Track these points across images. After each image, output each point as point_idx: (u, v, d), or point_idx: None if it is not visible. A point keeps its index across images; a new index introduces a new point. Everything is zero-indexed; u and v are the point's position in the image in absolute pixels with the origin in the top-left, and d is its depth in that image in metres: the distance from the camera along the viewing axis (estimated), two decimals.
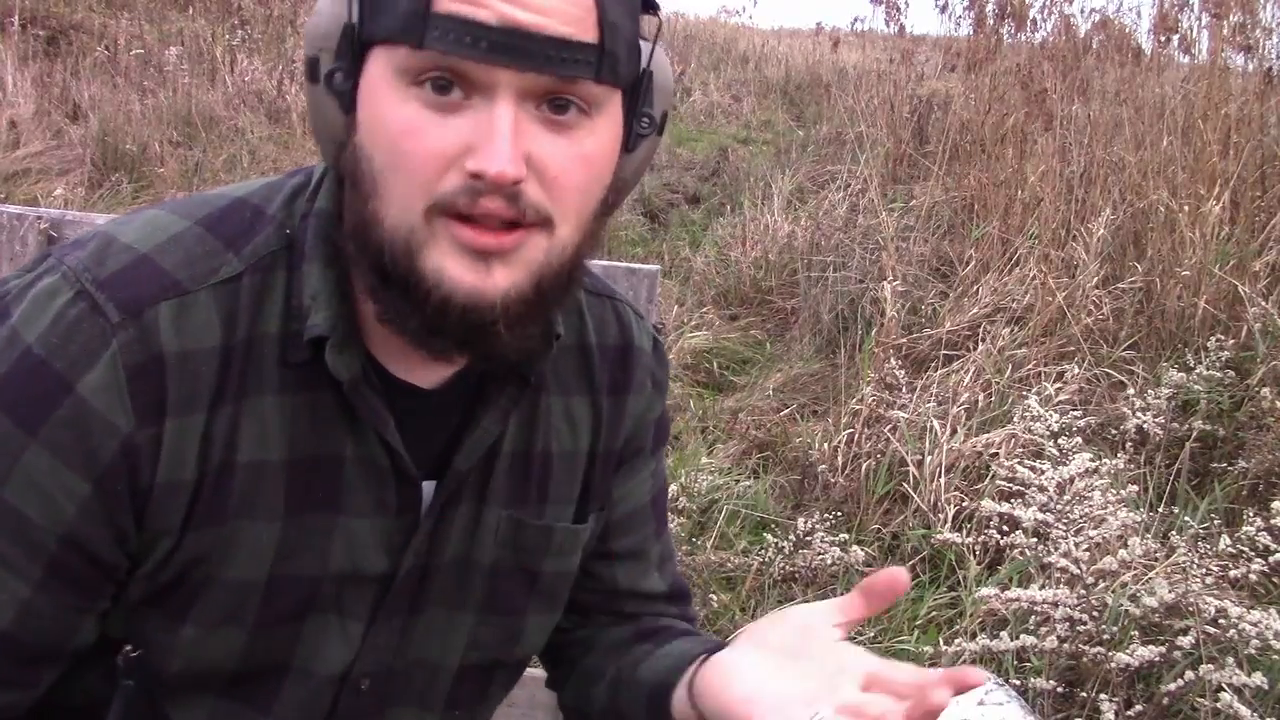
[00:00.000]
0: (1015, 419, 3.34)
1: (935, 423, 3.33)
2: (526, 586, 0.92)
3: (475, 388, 0.86)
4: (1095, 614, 2.41)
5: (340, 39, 0.74)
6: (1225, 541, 2.67)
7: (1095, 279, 4.04)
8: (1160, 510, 3.01)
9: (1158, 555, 2.64)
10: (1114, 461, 2.95)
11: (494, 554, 0.90)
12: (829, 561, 2.91)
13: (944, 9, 6.23)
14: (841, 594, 0.81)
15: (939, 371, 3.74)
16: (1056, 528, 2.63)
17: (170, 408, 0.75)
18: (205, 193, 0.86)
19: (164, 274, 0.77)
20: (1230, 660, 2.24)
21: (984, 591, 2.55)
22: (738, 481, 3.39)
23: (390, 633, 0.87)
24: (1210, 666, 2.21)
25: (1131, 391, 3.56)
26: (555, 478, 0.92)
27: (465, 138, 0.71)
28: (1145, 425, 3.33)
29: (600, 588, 1.01)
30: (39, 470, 0.74)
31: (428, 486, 0.85)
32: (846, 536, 3.01)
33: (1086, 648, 2.37)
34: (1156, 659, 2.29)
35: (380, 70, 0.73)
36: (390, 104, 0.72)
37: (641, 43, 0.78)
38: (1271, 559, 2.56)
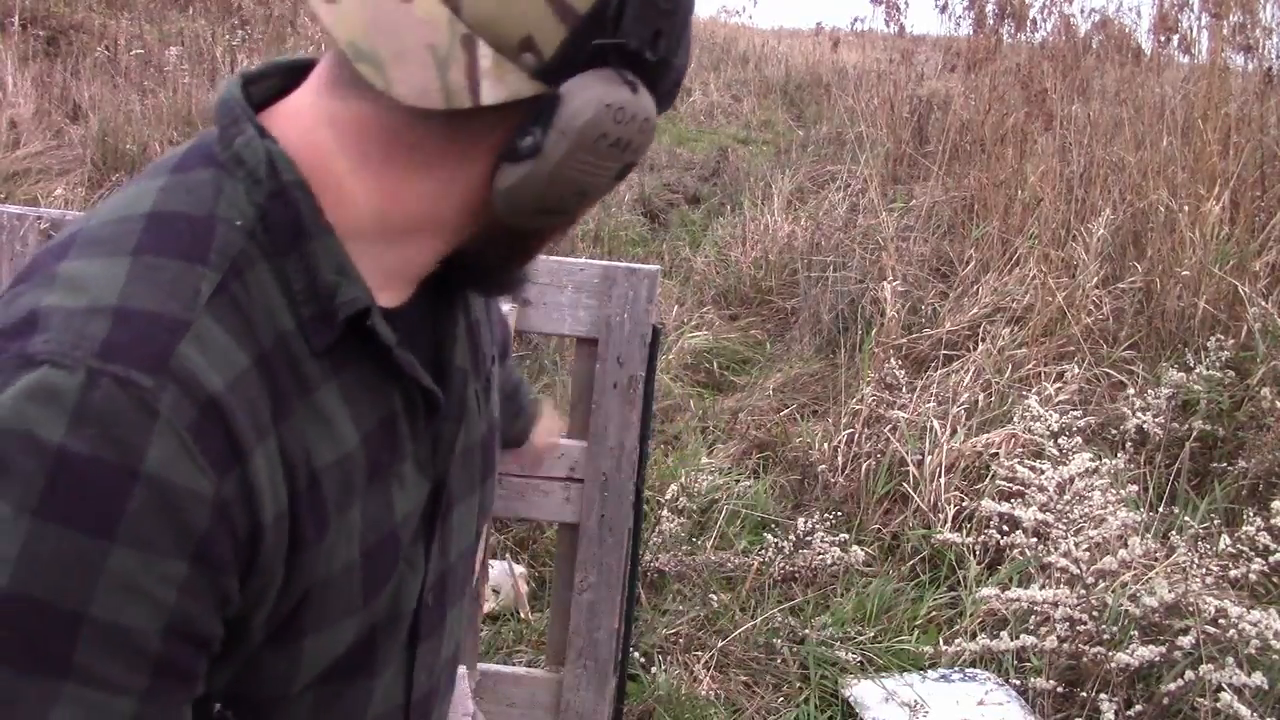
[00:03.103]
0: (1015, 419, 3.34)
1: (935, 423, 3.34)
2: (493, 437, 0.96)
3: (433, 289, 0.85)
4: (1095, 614, 2.41)
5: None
6: (1225, 541, 2.67)
7: (1095, 279, 4.04)
8: (1160, 510, 3.02)
9: (1158, 555, 2.64)
10: (1114, 461, 2.95)
11: (483, 424, 0.92)
12: (829, 561, 2.91)
13: (944, 9, 6.24)
14: (842, 594, 0.81)
15: (939, 371, 3.74)
16: (1056, 528, 2.63)
17: (244, 446, 0.69)
18: (101, 226, 0.73)
19: (154, 316, 0.68)
20: (1230, 660, 2.24)
21: (984, 591, 2.56)
22: (738, 481, 3.39)
23: (441, 543, 0.88)
24: (1210, 666, 2.22)
25: (1131, 391, 3.56)
26: (482, 336, 0.95)
27: None
28: (1145, 425, 3.33)
29: None
30: (129, 573, 0.65)
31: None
32: (846, 536, 3.01)
33: (1086, 648, 2.37)
34: (1156, 659, 2.29)
35: None
36: None
37: None
38: (1271, 559, 2.56)
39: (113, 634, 0.65)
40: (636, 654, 2.56)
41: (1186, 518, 2.94)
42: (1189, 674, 2.22)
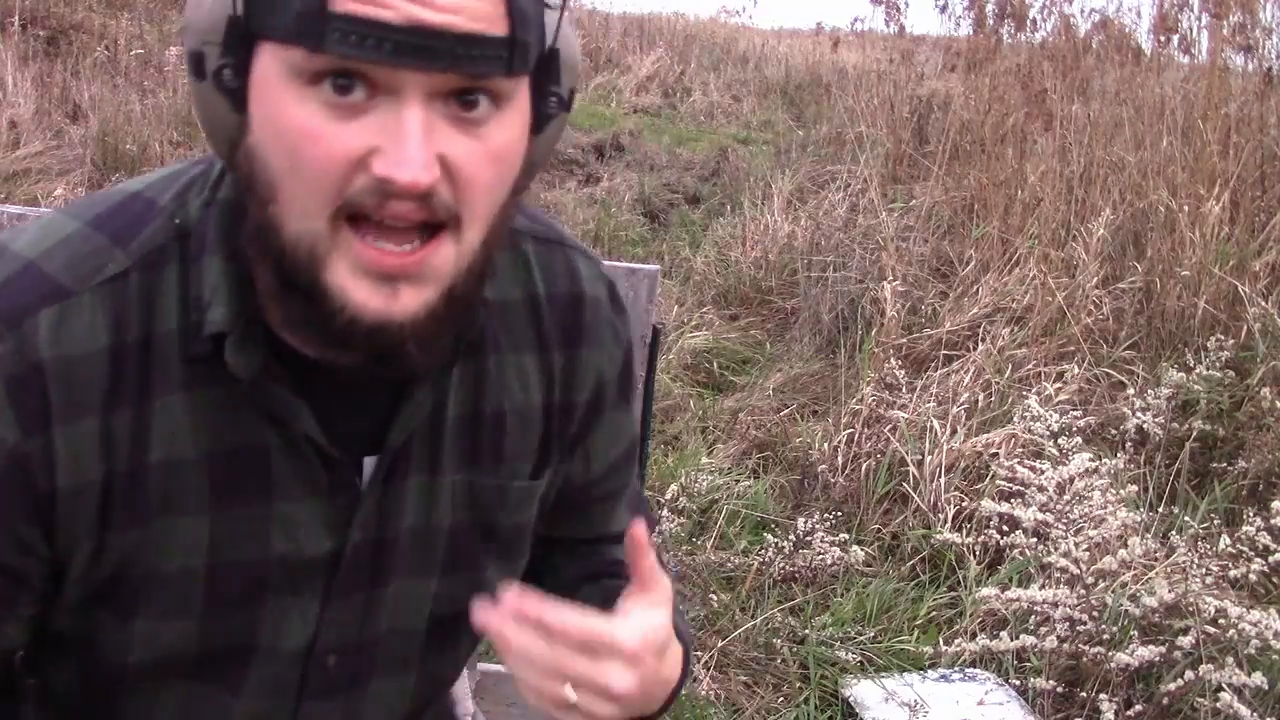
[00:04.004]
0: (1015, 419, 3.34)
1: (935, 423, 3.33)
2: (485, 541, 0.92)
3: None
4: (1095, 614, 2.41)
5: (226, 32, 0.69)
6: (1225, 541, 2.67)
7: (1095, 279, 4.03)
8: (1160, 510, 3.01)
9: (1158, 555, 2.64)
10: (1114, 461, 2.95)
11: (451, 517, 0.89)
12: (829, 561, 2.91)
13: (944, 9, 6.23)
14: (842, 594, 0.81)
15: (939, 371, 3.74)
16: (1056, 528, 2.63)
17: (55, 415, 0.74)
18: (105, 190, 0.83)
19: (47, 279, 0.75)
20: (1230, 660, 2.24)
21: (984, 591, 2.56)
22: (738, 481, 3.39)
23: (352, 608, 0.86)
24: (1210, 666, 2.22)
25: (1131, 391, 3.56)
26: (510, 435, 0.90)
27: (370, 140, 0.68)
28: (1145, 425, 3.33)
29: (571, 531, 1.02)
30: None
31: (369, 462, 0.84)
32: (846, 536, 3.01)
33: (1086, 648, 2.37)
34: (1156, 659, 2.29)
35: (273, 67, 0.68)
36: (286, 104, 0.68)
37: (547, 11, 0.74)
38: (1271, 559, 2.56)
39: None
40: None
41: (1186, 518, 2.94)
42: (1189, 674, 2.22)
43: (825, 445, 3.48)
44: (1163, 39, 5.15)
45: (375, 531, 0.85)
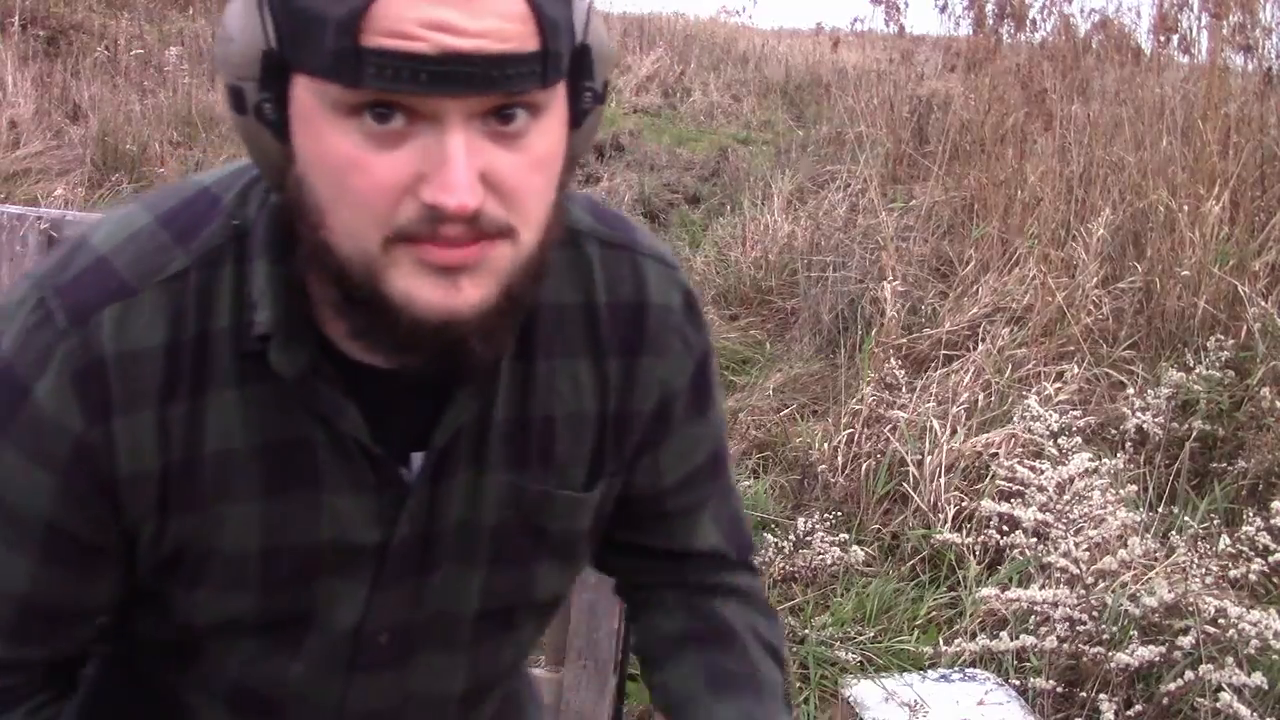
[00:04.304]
0: (1015, 419, 3.34)
1: (935, 423, 3.34)
2: (534, 541, 0.93)
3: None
4: (1095, 614, 2.41)
5: (262, 67, 0.71)
6: (1225, 541, 2.67)
7: (1095, 279, 4.04)
8: (1160, 510, 3.01)
9: (1157, 555, 2.64)
10: (1114, 461, 2.95)
11: (497, 515, 0.90)
12: (829, 561, 2.91)
13: (944, 9, 6.23)
14: (842, 594, 0.83)
15: (939, 371, 3.74)
16: (1056, 528, 2.63)
17: (115, 406, 0.79)
18: (180, 181, 0.88)
19: (114, 276, 0.80)
20: (1230, 660, 2.24)
21: (984, 591, 2.56)
22: (738, 481, 3.39)
23: (400, 593, 0.90)
24: (1210, 666, 2.22)
25: (1131, 391, 3.56)
26: (561, 441, 0.90)
27: (415, 167, 0.69)
28: (1145, 425, 3.33)
29: (654, 544, 1.02)
30: (13, 466, 0.80)
31: (417, 457, 0.86)
32: (846, 536, 3.01)
33: (1086, 648, 2.37)
34: (1156, 659, 2.29)
35: (311, 100, 0.70)
36: (328, 136, 0.70)
37: (574, 6, 0.74)
38: (1271, 559, 2.56)
39: (6, 507, 0.81)
40: None
41: (1186, 518, 2.94)
42: (1189, 674, 2.23)
43: (825, 445, 3.48)
44: (1163, 39, 5.15)
45: (423, 525, 0.88)
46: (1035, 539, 2.69)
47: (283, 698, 0.93)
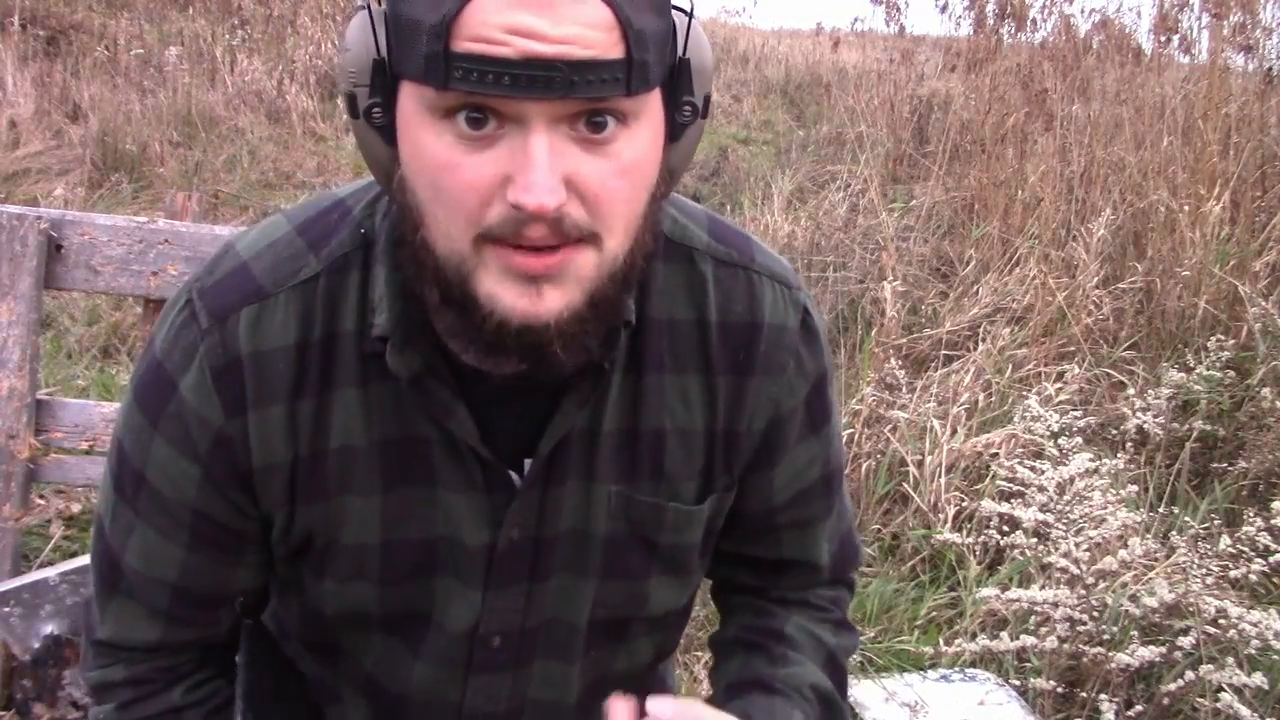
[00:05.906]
0: (1015, 419, 3.34)
1: (935, 423, 3.33)
2: (645, 554, 0.95)
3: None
4: (1095, 614, 2.41)
5: (372, 74, 0.76)
6: (1225, 541, 2.67)
7: (1095, 279, 4.04)
8: (1160, 510, 3.01)
9: (1158, 555, 2.64)
10: (1114, 461, 2.95)
11: (608, 526, 0.92)
12: None
13: (944, 9, 6.23)
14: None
15: (939, 371, 3.74)
16: (1056, 528, 2.63)
17: (250, 401, 0.85)
18: (320, 193, 0.94)
19: (252, 280, 0.86)
20: (1230, 660, 2.24)
21: (984, 592, 2.55)
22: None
23: (513, 597, 0.93)
24: (1210, 666, 2.22)
25: (1131, 391, 3.56)
26: (671, 454, 0.92)
27: (503, 169, 0.72)
28: (1145, 425, 3.33)
29: (762, 555, 1.04)
30: (164, 458, 0.87)
31: (529, 464, 0.89)
32: None
33: (1086, 648, 2.37)
34: (1157, 659, 2.29)
35: (412, 104, 0.74)
36: (427, 139, 0.73)
37: (676, 19, 0.77)
38: (1271, 559, 2.56)
39: (157, 496, 0.88)
40: None
41: (1186, 518, 2.94)
42: (1189, 674, 2.22)
43: None
44: (1163, 39, 5.16)
45: (533, 530, 0.91)
46: (1035, 539, 2.69)
47: (409, 695, 0.98)
